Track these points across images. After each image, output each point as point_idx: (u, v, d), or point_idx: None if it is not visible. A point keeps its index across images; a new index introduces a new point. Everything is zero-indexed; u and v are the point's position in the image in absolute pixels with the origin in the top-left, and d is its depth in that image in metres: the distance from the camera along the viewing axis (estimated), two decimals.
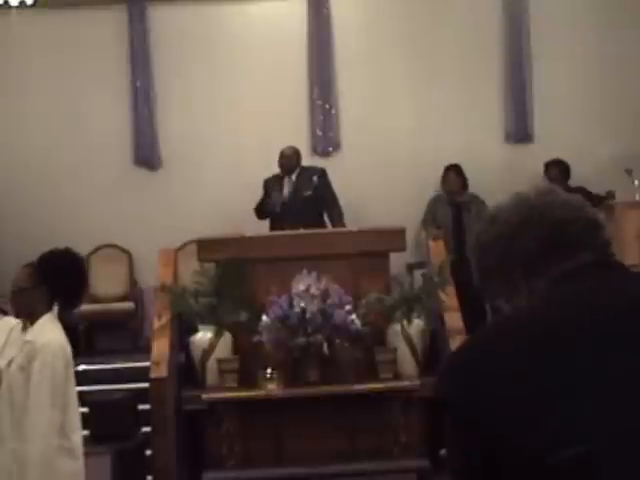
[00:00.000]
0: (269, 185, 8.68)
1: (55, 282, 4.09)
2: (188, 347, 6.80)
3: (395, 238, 6.92)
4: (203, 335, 6.64)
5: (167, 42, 9.62)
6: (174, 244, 8.13)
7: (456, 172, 9.15)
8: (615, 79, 9.56)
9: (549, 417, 1.35)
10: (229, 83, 9.62)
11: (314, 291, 6.41)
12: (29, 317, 4.13)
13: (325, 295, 6.42)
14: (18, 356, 4.05)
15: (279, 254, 6.72)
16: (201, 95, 9.62)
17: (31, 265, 4.20)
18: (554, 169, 9.16)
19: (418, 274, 7.73)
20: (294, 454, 6.38)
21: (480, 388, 1.41)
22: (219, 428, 6.37)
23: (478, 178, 9.16)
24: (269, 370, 6.34)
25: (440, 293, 6.79)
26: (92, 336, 9.34)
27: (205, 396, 6.38)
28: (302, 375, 6.45)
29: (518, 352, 1.41)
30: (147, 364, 6.57)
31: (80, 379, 4.27)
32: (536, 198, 1.61)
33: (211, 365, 6.58)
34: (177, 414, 6.48)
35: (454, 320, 6.68)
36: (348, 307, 6.44)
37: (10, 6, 9.23)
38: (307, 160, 9.10)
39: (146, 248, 8.80)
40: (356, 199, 9.12)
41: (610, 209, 8.07)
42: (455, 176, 9.15)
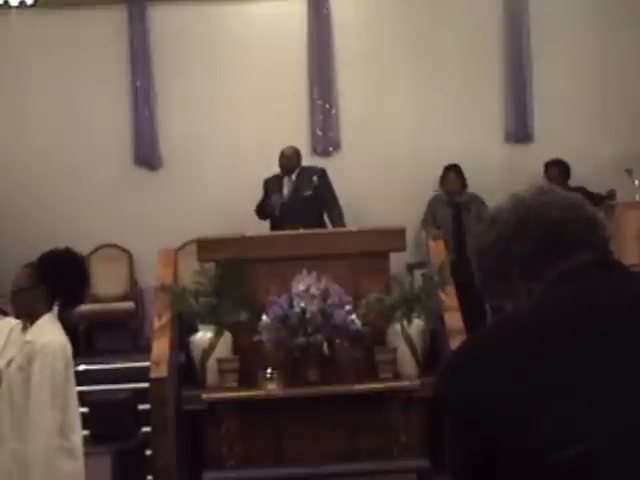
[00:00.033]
0: (269, 185, 8.68)
1: (55, 282, 4.09)
2: (188, 347, 6.80)
3: (395, 238, 6.92)
4: (203, 335, 6.64)
5: (167, 42, 9.62)
6: (174, 244, 8.12)
7: (456, 172, 9.15)
8: (615, 79, 9.56)
9: (549, 417, 1.35)
10: (229, 83, 9.62)
11: (314, 291, 6.40)
12: (29, 317, 4.13)
13: (325, 295, 6.42)
14: (18, 356, 4.05)
15: (279, 254, 6.72)
16: (201, 95, 9.62)
17: (31, 265, 4.20)
18: (554, 169, 9.16)
19: (418, 274, 7.73)
20: (294, 454, 6.37)
21: (480, 388, 1.41)
22: (219, 428, 6.37)
23: (478, 178, 9.16)
24: (269, 370, 6.34)
25: (440, 293, 6.78)
26: (92, 336, 9.34)
27: (205, 396, 6.38)
28: (302, 375, 6.44)
29: (518, 352, 1.42)
30: (147, 364, 6.57)
31: (80, 379, 4.27)
32: (532, 199, 1.61)
33: (211, 365, 6.57)
34: (177, 414, 6.48)
35: (454, 320, 6.67)
36: (348, 307, 6.44)
37: (10, 6, 9.23)
38: (307, 160, 9.10)
39: (146, 248, 8.80)
40: (356, 199, 9.11)
41: (610, 209, 8.08)
42: (455, 176, 9.14)
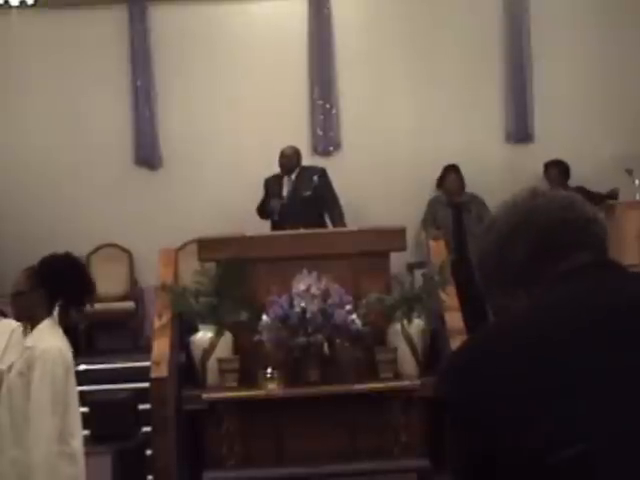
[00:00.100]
0: (269, 184, 8.69)
1: (54, 286, 4.09)
2: (188, 347, 6.79)
3: (395, 238, 6.92)
4: (203, 335, 6.63)
5: (168, 42, 9.62)
6: (175, 244, 8.12)
7: (456, 172, 9.16)
8: (616, 79, 9.56)
9: (549, 417, 1.35)
10: (230, 83, 9.62)
11: (314, 291, 6.40)
12: (29, 321, 4.13)
13: (325, 295, 6.42)
14: (18, 362, 4.05)
15: (279, 254, 6.72)
16: (202, 95, 9.62)
17: (31, 268, 4.19)
18: (554, 169, 9.16)
19: (418, 274, 7.72)
20: (294, 454, 6.37)
21: (480, 388, 1.41)
22: (219, 428, 6.37)
23: (478, 178, 9.16)
24: (269, 370, 6.34)
25: (441, 293, 6.78)
26: (92, 336, 9.34)
27: (205, 396, 6.38)
28: (302, 375, 6.44)
29: (517, 353, 1.41)
30: (147, 364, 6.56)
31: (80, 379, 4.27)
32: (524, 203, 1.60)
33: (211, 365, 6.57)
34: (177, 414, 6.48)
35: (455, 320, 6.67)
36: (348, 307, 6.44)
37: (10, 6, 9.24)
38: (308, 160, 9.10)
39: (147, 248, 8.80)
40: (356, 199, 9.12)
41: (611, 209, 8.07)
42: (455, 176, 9.15)
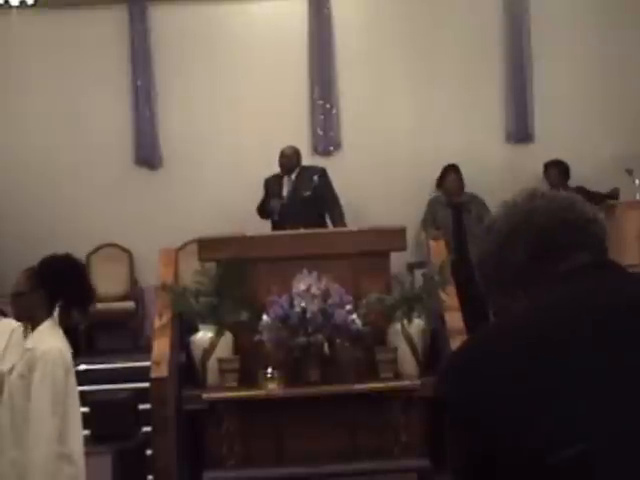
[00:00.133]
0: (269, 184, 8.70)
1: (54, 287, 4.08)
2: (189, 347, 6.79)
3: (395, 238, 6.92)
4: (204, 335, 6.63)
5: (168, 42, 9.62)
6: (175, 243, 8.12)
7: (455, 172, 9.16)
8: (616, 79, 9.56)
9: (549, 417, 1.35)
10: (230, 83, 9.62)
11: (315, 291, 6.40)
12: (29, 321, 4.13)
13: (326, 295, 6.42)
14: (19, 364, 4.05)
15: (280, 254, 6.71)
16: (202, 95, 9.62)
17: (31, 269, 4.18)
18: (553, 170, 9.16)
19: (419, 274, 7.71)
20: (294, 454, 6.37)
21: (480, 388, 1.41)
22: (219, 428, 6.37)
23: (478, 178, 9.16)
24: (270, 370, 6.34)
25: (441, 293, 6.78)
26: (92, 335, 9.33)
27: (205, 396, 6.38)
28: (303, 375, 6.44)
29: (517, 353, 1.42)
30: (147, 364, 6.56)
31: (81, 379, 4.27)
32: (523, 204, 1.60)
33: (212, 365, 6.57)
34: (177, 414, 6.48)
35: (455, 320, 6.67)
36: (349, 307, 6.44)
37: (10, 6, 9.24)
38: (308, 160, 9.10)
39: (147, 247, 8.80)
40: (356, 199, 9.12)
41: (611, 209, 8.08)
42: (455, 176, 9.15)
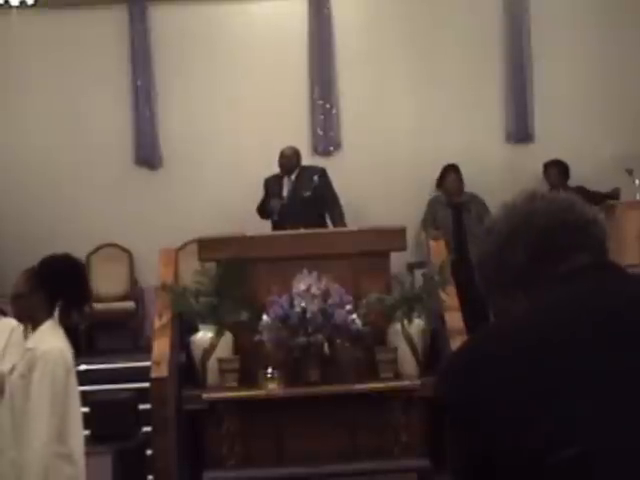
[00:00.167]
0: (269, 185, 8.70)
1: (54, 287, 4.08)
2: (189, 347, 6.79)
3: (395, 237, 6.92)
4: (204, 335, 6.63)
5: (168, 42, 9.63)
6: (175, 243, 8.12)
7: (455, 172, 9.16)
8: (616, 79, 9.56)
9: (549, 417, 1.35)
10: (230, 83, 9.62)
11: (315, 291, 6.40)
12: (30, 322, 4.13)
13: (326, 295, 6.42)
14: (20, 364, 4.05)
15: (280, 254, 6.71)
16: (202, 95, 9.62)
17: (30, 270, 4.17)
18: (553, 169, 9.16)
19: (419, 274, 7.71)
20: (294, 454, 6.37)
21: (480, 389, 1.41)
22: (219, 428, 6.37)
23: (478, 178, 9.16)
24: (270, 370, 6.34)
25: (441, 293, 6.78)
26: (93, 336, 9.34)
27: (206, 396, 6.38)
28: (303, 375, 6.44)
29: (518, 354, 1.42)
30: (148, 364, 6.56)
31: (81, 379, 4.26)
32: (522, 206, 1.60)
33: (212, 365, 6.57)
34: (178, 414, 6.47)
35: (455, 320, 6.67)
36: (349, 307, 6.43)
37: (10, 6, 9.24)
38: (308, 160, 9.11)
39: (147, 247, 8.80)
40: (356, 199, 9.12)
41: (611, 209, 8.07)
42: (455, 176, 9.16)
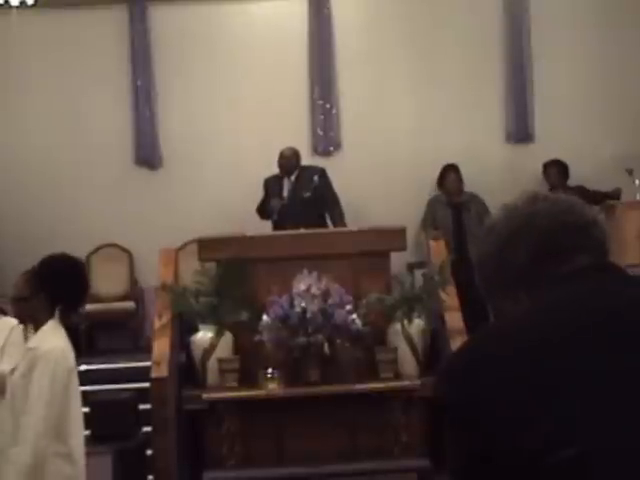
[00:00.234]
0: (269, 185, 8.69)
1: (55, 288, 4.07)
2: (189, 347, 6.79)
3: (395, 238, 6.92)
4: (204, 335, 6.63)
5: (168, 42, 9.63)
6: (175, 243, 8.12)
7: (455, 172, 9.17)
8: (616, 79, 9.56)
9: (548, 417, 1.35)
10: (230, 83, 9.62)
11: (315, 291, 6.40)
12: (32, 323, 4.13)
13: (326, 295, 6.42)
14: (21, 364, 4.04)
15: (280, 254, 6.72)
16: (202, 95, 9.62)
17: (29, 272, 4.16)
18: (552, 169, 9.17)
19: (419, 274, 7.71)
20: (295, 454, 6.37)
21: (480, 389, 1.41)
22: (220, 428, 6.37)
23: (478, 178, 9.16)
24: (270, 370, 6.34)
25: (441, 293, 6.79)
26: (93, 336, 9.34)
27: (206, 396, 6.38)
28: (303, 375, 6.44)
29: (518, 355, 1.41)
30: (148, 364, 6.56)
31: (81, 379, 4.26)
32: (524, 207, 1.61)
33: (212, 365, 6.57)
34: (178, 414, 6.48)
35: (455, 320, 6.67)
36: (349, 307, 6.44)
37: (10, 6, 9.23)
38: (308, 160, 9.11)
39: (147, 247, 8.80)
40: (356, 199, 9.12)
41: (611, 209, 8.08)
42: (455, 176, 9.16)
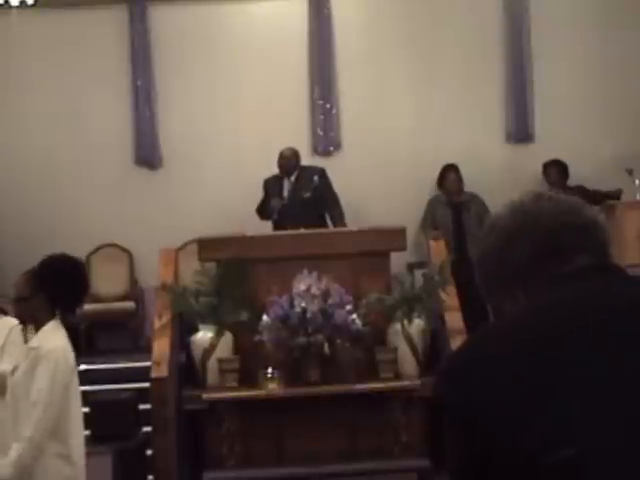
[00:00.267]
0: (269, 185, 8.69)
1: (55, 288, 4.07)
2: (189, 347, 6.79)
3: (395, 238, 6.92)
4: (204, 335, 6.63)
5: (168, 42, 9.63)
6: (175, 243, 8.12)
7: (455, 172, 9.17)
8: (616, 79, 9.56)
9: (546, 417, 1.35)
10: (230, 83, 9.62)
11: (315, 291, 6.40)
12: (33, 323, 4.13)
13: (326, 295, 6.42)
14: (23, 364, 4.04)
15: (280, 254, 6.71)
16: (202, 95, 9.62)
17: (29, 272, 4.16)
18: (552, 169, 9.17)
19: (419, 274, 7.71)
20: (295, 454, 6.37)
21: (479, 389, 1.41)
22: (220, 428, 6.37)
23: (478, 178, 9.16)
24: (270, 370, 6.34)
25: (441, 293, 6.78)
26: (93, 336, 9.34)
27: (206, 396, 6.38)
28: (303, 375, 6.44)
29: (517, 355, 1.42)
30: (148, 364, 6.56)
31: (81, 379, 4.26)
32: (530, 204, 1.61)
33: (212, 365, 6.57)
34: (178, 414, 6.47)
35: (455, 320, 6.66)
36: (349, 307, 6.43)
37: (10, 6, 9.23)
38: (308, 160, 9.11)
39: (147, 247, 8.80)
40: (356, 199, 9.12)
41: (611, 209, 8.08)
42: (454, 176, 9.16)
